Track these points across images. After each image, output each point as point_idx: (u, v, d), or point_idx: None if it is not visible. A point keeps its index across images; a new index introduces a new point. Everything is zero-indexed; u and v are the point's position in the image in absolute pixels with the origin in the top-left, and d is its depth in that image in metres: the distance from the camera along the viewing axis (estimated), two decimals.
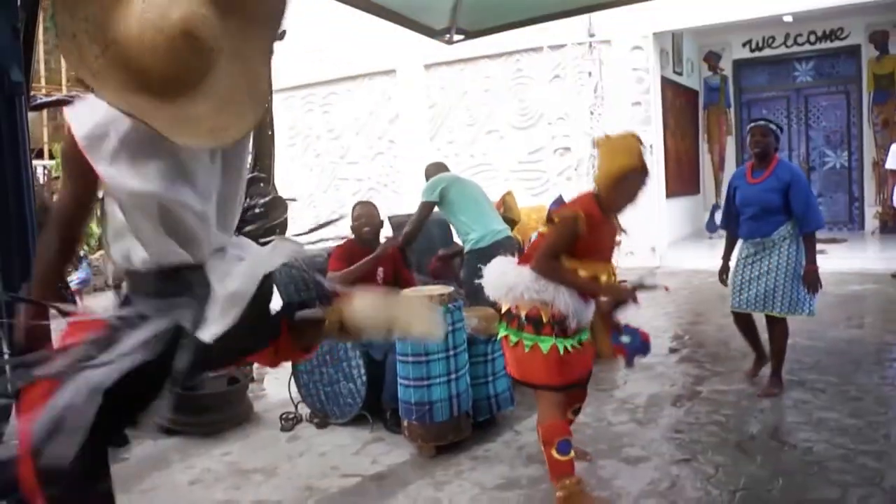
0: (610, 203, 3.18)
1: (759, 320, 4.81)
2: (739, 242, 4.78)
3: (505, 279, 3.21)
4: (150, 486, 3.71)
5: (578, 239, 3.09)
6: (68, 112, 1.75)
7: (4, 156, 3.03)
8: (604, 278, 3.18)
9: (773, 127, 4.59)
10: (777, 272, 4.48)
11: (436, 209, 5.27)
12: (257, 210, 5.94)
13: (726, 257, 4.88)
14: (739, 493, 3.23)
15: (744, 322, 4.87)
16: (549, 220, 3.25)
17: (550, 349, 3.10)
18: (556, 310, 3.09)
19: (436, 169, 5.75)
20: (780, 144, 4.64)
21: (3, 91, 3.01)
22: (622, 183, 3.10)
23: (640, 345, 3.25)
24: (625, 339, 3.26)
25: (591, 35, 10.59)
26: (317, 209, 12.82)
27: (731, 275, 4.77)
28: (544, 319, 3.11)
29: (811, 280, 4.46)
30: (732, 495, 3.21)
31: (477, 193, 5.35)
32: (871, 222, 11.55)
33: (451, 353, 3.80)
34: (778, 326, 4.61)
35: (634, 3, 6.42)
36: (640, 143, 3.15)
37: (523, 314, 3.15)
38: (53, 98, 4.97)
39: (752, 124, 4.70)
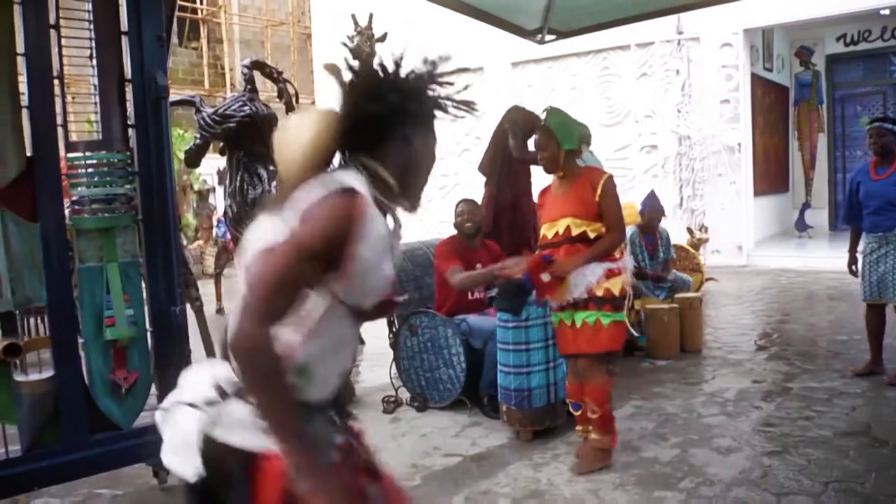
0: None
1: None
2: (864, 236, 4.92)
3: None
4: None
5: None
6: None
7: (151, 154, 3.37)
8: (551, 232, 3.66)
9: (889, 126, 4.70)
10: None
11: None
12: None
13: (852, 250, 5.06)
14: (832, 484, 3.33)
15: (873, 316, 4.94)
16: None
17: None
18: None
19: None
20: None
21: (150, 95, 3.35)
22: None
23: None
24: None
25: (680, 32, 10.57)
26: None
27: (860, 268, 4.91)
28: None
29: None
30: (825, 487, 3.31)
31: None
32: None
33: (551, 342, 3.99)
34: None
35: (724, 2, 6.47)
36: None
37: None
38: (179, 98, 5.34)
39: (868, 126, 4.84)
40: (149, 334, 3.43)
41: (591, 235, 3.53)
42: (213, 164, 12.09)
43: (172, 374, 3.39)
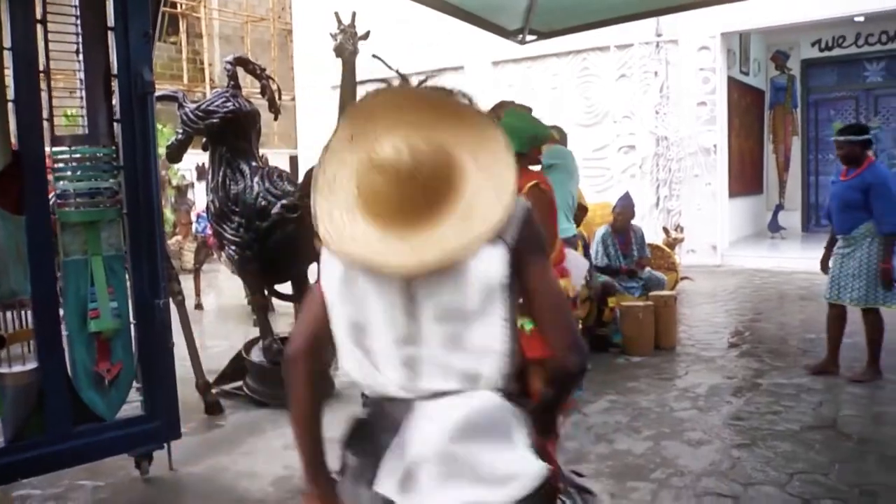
0: None
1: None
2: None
3: None
4: (249, 450, 4.10)
5: None
6: None
7: (137, 149, 3.42)
8: None
9: (843, 139, 4.85)
10: (859, 266, 4.75)
11: None
12: None
13: (828, 247, 5.15)
14: (797, 475, 3.45)
15: (834, 316, 5.05)
16: None
17: None
18: None
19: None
20: (874, 147, 4.92)
21: (137, 90, 3.40)
22: None
23: None
24: None
25: (659, 35, 10.71)
26: None
27: (830, 267, 5.04)
28: None
29: (884, 278, 4.71)
30: (790, 477, 3.43)
31: (562, 194, 5.31)
32: None
33: None
34: (868, 317, 4.85)
35: (704, 6, 6.60)
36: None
37: None
38: (161, 93, 5.35)
39: (834, 138, 5.02)
40: (132, 327, 3.48)
41: None
42: (192, 159, 12.07)
43: (156, 367, 3.47)
